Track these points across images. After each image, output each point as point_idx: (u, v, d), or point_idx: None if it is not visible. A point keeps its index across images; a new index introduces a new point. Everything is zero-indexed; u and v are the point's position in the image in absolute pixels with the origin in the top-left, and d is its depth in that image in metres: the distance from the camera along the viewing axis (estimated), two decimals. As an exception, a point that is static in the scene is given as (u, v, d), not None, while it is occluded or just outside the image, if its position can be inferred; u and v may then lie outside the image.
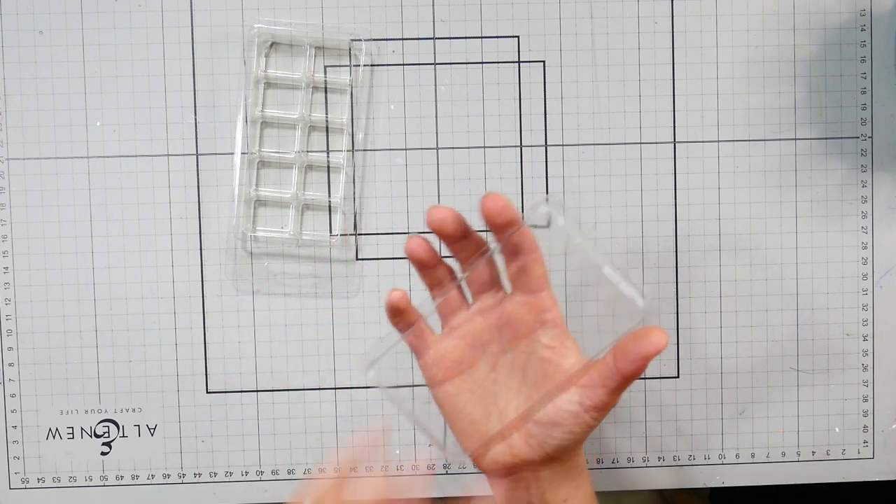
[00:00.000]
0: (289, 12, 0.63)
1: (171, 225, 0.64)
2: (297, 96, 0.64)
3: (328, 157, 0.64)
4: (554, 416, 0.49)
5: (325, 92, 0.64)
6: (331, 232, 0.65)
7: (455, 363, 0.51)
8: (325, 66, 0.64)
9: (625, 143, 0.65)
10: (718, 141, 0.65)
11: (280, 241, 0.64)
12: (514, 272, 0.50)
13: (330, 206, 0.64)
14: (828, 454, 0.67)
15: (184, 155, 0.64)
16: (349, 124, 0.64)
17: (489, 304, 0.51)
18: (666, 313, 0.66)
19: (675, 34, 0.65)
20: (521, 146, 0.65)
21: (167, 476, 0.65)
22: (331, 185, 0.64)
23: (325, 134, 0.64)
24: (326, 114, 0.64)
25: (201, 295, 0.65)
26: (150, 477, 0.65)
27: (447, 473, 0.66)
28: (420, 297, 0.51)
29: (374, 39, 0.64)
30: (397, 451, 0.66)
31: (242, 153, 0.63)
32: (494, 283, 0.51)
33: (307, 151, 0.64)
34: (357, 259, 0.65)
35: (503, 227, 0.48)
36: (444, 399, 0.51)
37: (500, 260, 0.50)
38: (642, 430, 0.66)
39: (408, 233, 0.65)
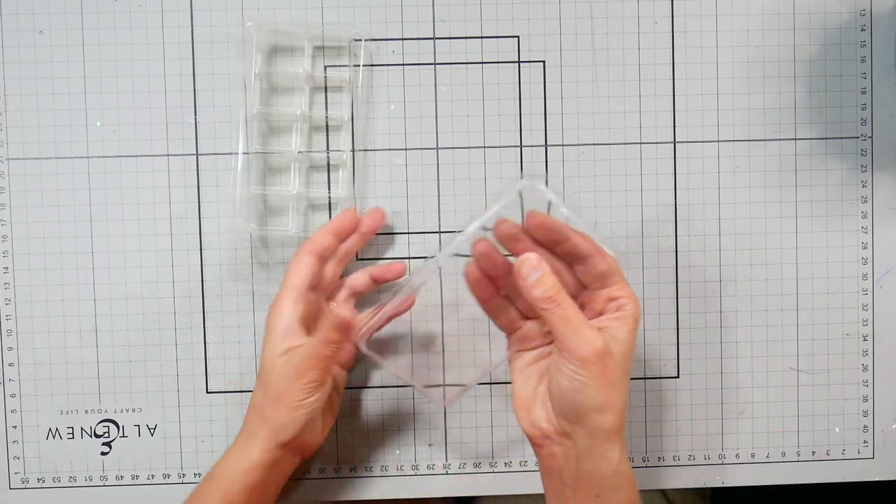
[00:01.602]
0: (289, 12, 0.63)
1: (171, 225, 0.64)
2: (298, 95, 0.64)
3: (328, 155, 0.64)
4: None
5: (326, 91, 0.64)
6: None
7: (530, 340, 0.58)
8: (325, 66, 0.64)
9: (625, 143, 0.65)
10: (718, 141, 0.65)
11: (281, 239, 0.64)
12: (580, 275, 0.55)
13: (330, 203, 0.64)
14: (828, 454, 0.67)
15: (184, 155, 0.64)
16: (350, 121, 0.64)
17: None
18: (666, 313, 0.66)
19: (675, 34, 0.65)
20: (521, 146, 0.65)
21: (167, 476, 0.65)
22: (331, 183, 0.64)
23: (325, 133, 0.64)
24: (326, 111, 0.64)
25: (201, 295, 0.65)
26: (150, 477, 0.65)
27: (447, 474, 0.66)
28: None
29: (374, 39, 0.64)
30: (397, 452, 0.66)
31: (244, 153, 0.63)
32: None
33: (308, 151, 0.64)
34: (357, 259, 0.65)
35: (550, 243, 0.55)
36: (513, 369, 0.57)
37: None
38: (642, 430, 0.66)
39: (408, 233, 0.65)
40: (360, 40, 0.63)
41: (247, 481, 0.56)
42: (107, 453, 0.65)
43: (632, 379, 0.66)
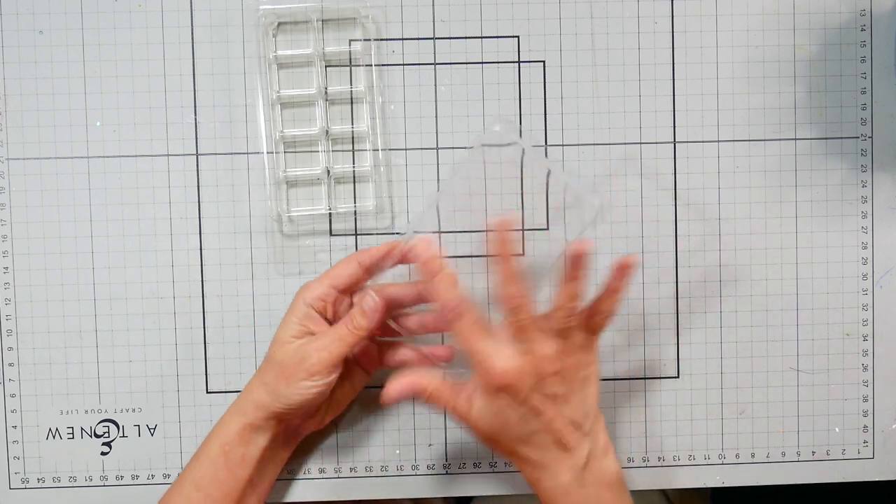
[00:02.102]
0: (290, 12, 0.63)
1: (171, 225, 0.64)
2: (312, 74, 0.64)
3: (353, 130, 0.64)
4: None
5: (351, 68, 0.64)
6: (331, 233, 0.65)
7: None
8: (350, 40, 0.64)
9: (625, 143, 0.65)
10: (718, 141, 0.65)
11: (311, 218, 0.64)
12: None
13: (355, 178, 0.64)
14: (828, 454, 0.67)
15: (184, 155, 0.64)
16: (369, 99, 0.64)
17: None
18: (666, 313, 0.66)
19: (675, 34, 0.65)
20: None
21: (167, 476, 0.65)
22: (356, 161, 0.64)
23: (342, 107, 0.64)
24: (352, 85, 0.64)
25: (201, 295, 0.65)
26: (150, 477, 0.65)
27: (447, 473, 0.66)
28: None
29: (374, 39, 0.64)
30: (397, 452, 0.66)
31: (273, 137, 0.63)
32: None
33: (327, 129, 0.64)
34: (357, 259, 0.65)
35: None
36: None
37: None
38: (642, 430, 0.66)
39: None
40: (368, 16, 0.63)
41: (240, 434, 0.58)
42: (107, 453, 0.65)
43: (633, 379, 0.66)
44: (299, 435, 0.62)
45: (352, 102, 0.64)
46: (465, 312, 0.54)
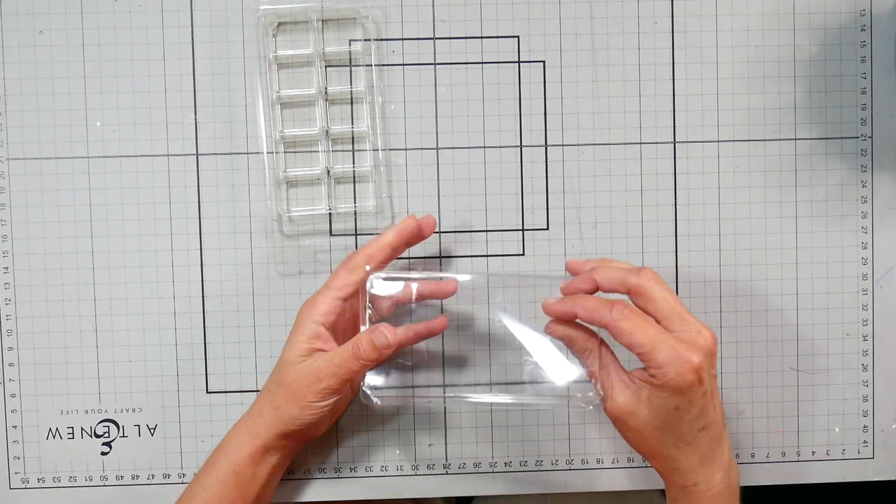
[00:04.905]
0: (290, 12, 0.63)
1: (171, 225, 0.64)
2: (312, 74, 0.64)
3: (353, 130, 0.64)
4: None
5: (350, 68, 0.64)
6: (331, 233, 0.65)
7: None
8: (350, 41, 0.64)
9: (625, 143, 0.65)
10: (718, 141, 0.65)
11: (311, 219, 0.64)
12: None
13: (355, 178, 0.64)
14: (828, 454, 0.67)
15: (184, 155, 0.64)
16: (369, 99, 0.64)
17: None
18: (666, 313, 0.66)
19: (675, 34, 0.65)
20: (521, 146, 0.65)
21: (167, 476, 0.65)
22: (356, 160, 0.64)
23: (342, 107, 0.64)
24: (351, 85, 0.64)
25: (201, 295, 0.65)
26: (150, 477, 0.65)
27: (447, 474, 0.66)
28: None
29: (374, 39, 0.64)
30: (397, 452, 0.66)
31: (273, 138, 0.63)
32: None
33: (327, 129, 0.64)
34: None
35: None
36: None
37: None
38: (642, 430, 0.66)
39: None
40: (368, 16, 0.63)
41: (252, 456, 0.58)
42: (107, 453, 0.65)
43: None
44: (301, 444, 0.63)
45: (352, 102, 0.64)
46: (633, 310, 0.51)
